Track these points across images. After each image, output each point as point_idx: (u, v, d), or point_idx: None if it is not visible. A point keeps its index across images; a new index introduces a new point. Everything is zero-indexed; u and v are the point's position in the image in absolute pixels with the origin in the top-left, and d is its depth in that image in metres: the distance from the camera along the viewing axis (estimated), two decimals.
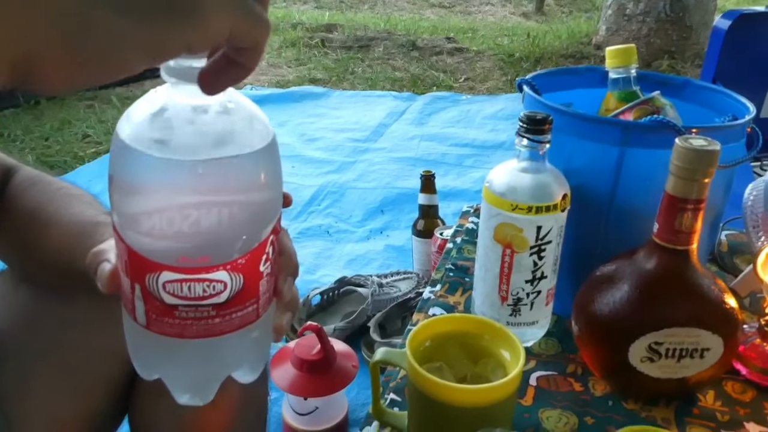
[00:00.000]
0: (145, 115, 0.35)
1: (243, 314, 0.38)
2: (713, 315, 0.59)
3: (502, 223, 0.66)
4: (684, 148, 0.55)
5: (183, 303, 0.36)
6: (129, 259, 0.37)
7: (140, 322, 0.38)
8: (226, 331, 0.38)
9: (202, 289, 0.36)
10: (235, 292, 0.37)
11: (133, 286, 0.37)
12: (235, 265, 0.36)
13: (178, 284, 0.36)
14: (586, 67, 0.89)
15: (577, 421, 0.62)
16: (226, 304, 0.37)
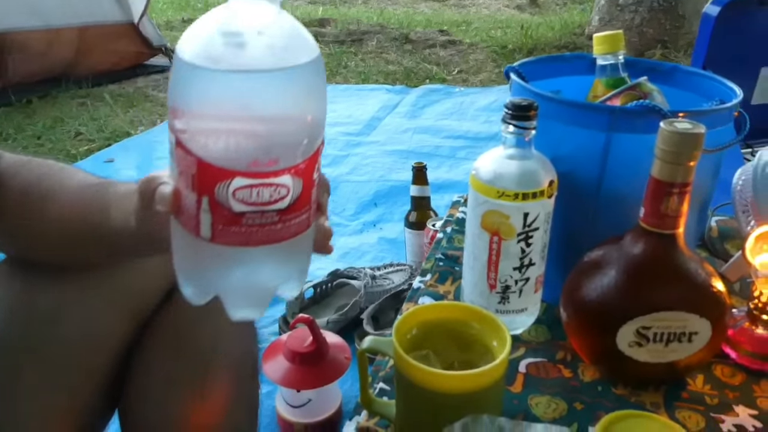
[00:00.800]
0: (212, 33, 0.37)
1: (299, 221, 0.41)
2: (700, 298, 0.59)
3: (489, 210, 0.66)
4: (669, 132, 0.55)
5: (251, 209, 0.39)
6: (198, 172, 0.39)
7: (204, 236, 0.40)
8: (285, 237, 0.41)
9: (269, 193, 0.39)
10: (295, 197, 0.40)
11: (199, 200, 0.39)
12: (297, 170, 0.39)
13: (248, 190, 0.38)
14: (574, 54, 0.89)
15: (566, 407, 0.62)
16: (287, 210, 0.40)
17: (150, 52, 3.21)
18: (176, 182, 0.41)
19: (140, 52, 3.15)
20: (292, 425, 1.01)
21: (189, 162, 0.39)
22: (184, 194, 0.41)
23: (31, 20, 2.71)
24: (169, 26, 4.30)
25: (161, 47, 3.23)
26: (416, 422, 0.55)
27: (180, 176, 0.40)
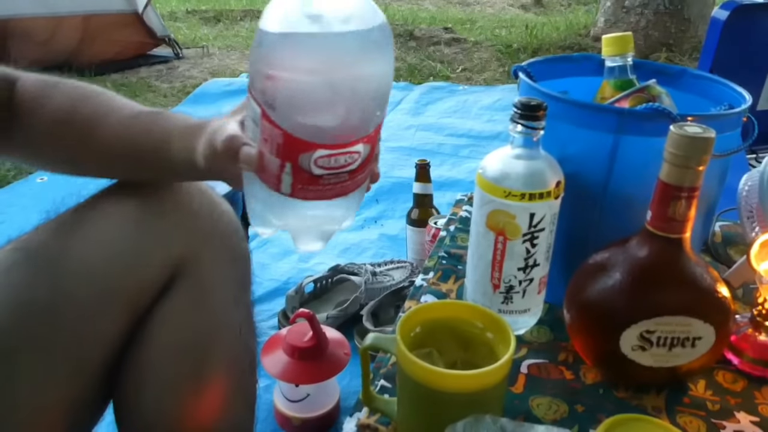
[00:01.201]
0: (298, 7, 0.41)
1: (363, 176, 0.48)
2: (705, 304, 0.59)
3: (495, 209, 0.65)
4: (679, 135, 0.55)
5: (328, 173, 0.44)
6: (284, 142, 0.43)
7: (284, 192, 0.46)
8: (352, 189, 0.48)
9: (344, 159, 0.44)
10: (363, 159, 0.46)
11: (283, 165, 0.44)
12: (368, 138, 0.45)
13: (327, 158, 0.43)
14: (583, 54, 0.88)
15: (567, 408, 0.62)
16: (356, 170, 0.46)
17: (153, 42, 3.20)
18: (259, 145, 0.45)
19: (144, 42, 3.14)
20: (289, 420, 1.01)
21: (275, 134, 0.43)
22: (267, 157, 0.45)
23: (36, 7, 2.71)
24: (173, 17, 4.29)
25: (165, 37, 3.22)
26: (418, 420, 0.55)
27: (264, 142, 0.45)
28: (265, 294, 1.40)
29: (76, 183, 0.66)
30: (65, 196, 0.66)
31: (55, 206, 0.64)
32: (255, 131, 0.45)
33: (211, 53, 3.47)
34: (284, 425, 1.03)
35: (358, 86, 0.42)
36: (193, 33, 3.92)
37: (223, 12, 4.44)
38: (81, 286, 0.59)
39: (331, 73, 0.40)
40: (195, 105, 2.64)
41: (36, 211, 0.66)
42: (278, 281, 1.45)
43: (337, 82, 0.41)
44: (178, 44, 3.30)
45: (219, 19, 4.33)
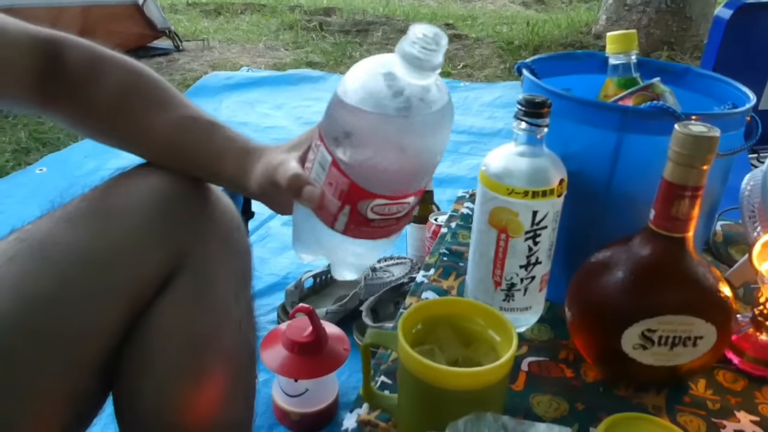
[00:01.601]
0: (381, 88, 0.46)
1: (406, 220, 0.54)
2: (707, 303, 0.59)
3: (497, 207, 0.65)
4: (683, 134, 0.54)
5: (380, 218, 0.50)
6: (349, 189, 0.49)
7: (338, 229, 0.52)
8: (395, 231, 0.54)
9: (397, 209, 0.51)
10: (411, 207, 0.52)
11: (342, 207, 0.50)
12: (418, 192, 0.52)
13: (383, 207, 0.49)
14: (586, 52, 0.88)
15: (567, 407, 0.62)
16: (404, 217, 0.52)
17: (154, 35, 3.20)
18: (322, 186, 0.51)
19: (144, 34, 3.13)
20: (288, 414, 1.01)
21: (341, 181, 0.48)
22: (328, 198, 0.51)
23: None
24: (174, 9, 4.28)
25: (165, 30, 3.21)
26: (419, 417, 0.55)
27: (329, 186, 0.50)
28: (265, 288, 1.40)
29: (75, 174, 0.67)
30: (65, 188, 0.66)
31: (54, 197, 0.65)
32: (320, 173, 0.50)
33: (212, 46, 3.46)
34: (283, 420, 1.03)
35: (423, 156, 0.49)
36: (194, 26, 3.91)
37: (224, 5, 4.43)
38: (83, 277, 0.59)
39: (404, 148, 0.47)
40: (195, 98, 2.63)
41: (35, 201, 0.66)
42: (278, 276, 1.45)
43: (408, 154, 0.47)
44: (178, 37, 3.29)
45: (220, 12, 4.32)
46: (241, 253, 0.68)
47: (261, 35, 3.80)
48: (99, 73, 0.64)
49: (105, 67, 0.65)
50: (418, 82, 0.46)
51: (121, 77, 0.65)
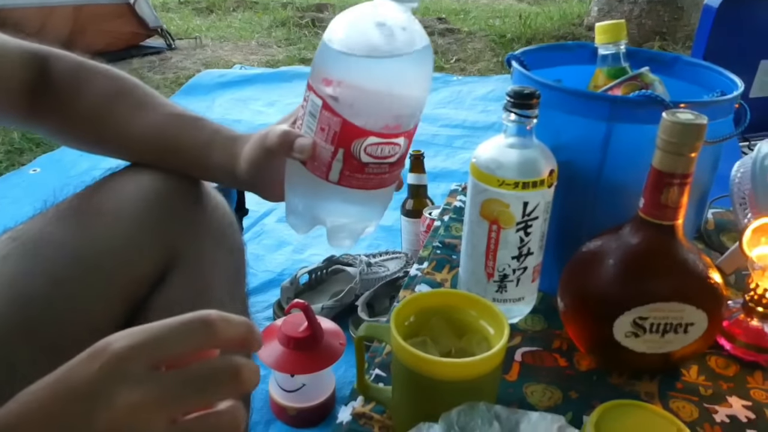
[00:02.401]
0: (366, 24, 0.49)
1: (397, 172, 0.54)
2: (698, 290, 0.59)
3: (488, 198, 0.65)
4: (671, 122, 0.55)
5: (373, 161, 0.51)
6: (341, 130, 0.50)
7: (332, 179, 0.53)
8: (388, 183, 0.54)
9: (389, 150, 0.51)
10: (402, 153, 0.52)
11: (335, 152, 0.51)
12: (409, 133, 0.52)
13: (376, 146, 0.50)
14: (576, 43, 0.88)
15: (561, 395, 0.62)
16: (394, 163, 0.52)
17: (145, 33, 3.19)
18: (314, 136, 0.52)
19: (136, 32, 3.12)
20: (285, 409, 1.01)
21: (334, 122, 0.49)
22: (321, 146, 0.52)
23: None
24: (166, 7, 4.27)
25: (157, 28, 3.20)
26: (412, 408, 0.55)
27: (321, 131, 0.51)
28: (260, 285, 1.40)
29: (69, 174, 0.67)
30: (58, 188, 0.66)
31: (48, 197, 0.65)
32: (311, 123, 0.52)
33: (204, 44, 3.46)
34: (280, 415, 1.03)
35: (410, 92, 0.50)
36: (186, 24, 3.90)
37: (216, 3, 4.41)
38: (76, 276, 0.59)
39: (390, 85, 0.49)
40: (188, 96, 2.62)
41: (28, 202, 0.66)
42: (273, 272, 1.45)
43: (394, 90, 0.49)
44: (170, 35, 3.28)
45: (212, 10, 4.31)
46: (234, 251, 0.68)
47: (253, 32, 3.79)
48: (83, 81, 0.65)
49: (88, 75, 0.66)
50: (398, 16, 0.49)
51: (104, 83, 0.66)
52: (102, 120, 0.65)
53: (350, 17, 0.50)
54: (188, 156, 0.63)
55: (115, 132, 0.65)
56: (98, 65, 0.67)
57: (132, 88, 0.67)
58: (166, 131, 0.64)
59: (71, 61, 0.66)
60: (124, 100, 0.65)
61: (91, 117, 0.65)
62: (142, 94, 0.67)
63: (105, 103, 0.65)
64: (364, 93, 0.49)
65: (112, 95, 0.65)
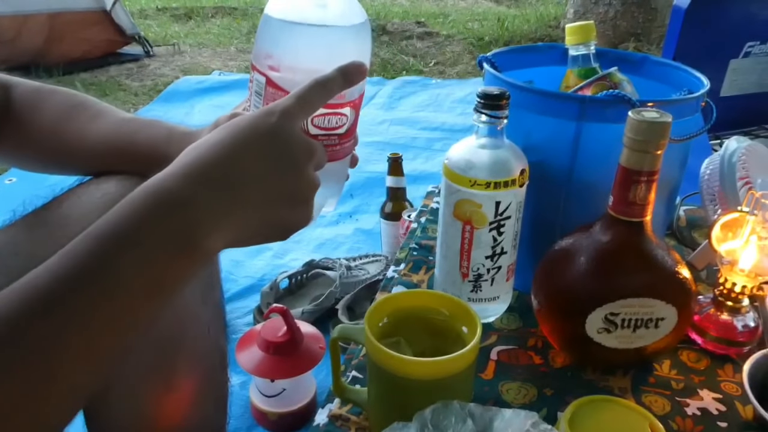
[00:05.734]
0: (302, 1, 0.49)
1: (349, 145, 0.54)
2: (667, 285, 0.60)
3: (461, 199, 0.66)
4: (636, 120, 0.56)
5: (322, 133, 0.50)
6: None
7: None
8: (341, 156, 0.53)
9: (336, 120, 0.51)
10: (350, 124, 0.52)
11: None
12: (354, 103, 0.52)
13: (322, 117, 0.50)
14: (548, 44, 0.89)
15: (536, 392, 0.63)
16: (344, 134, 0.52)
17: (123, 41, 3.16)
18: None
19: (113, 40, 3.10)
20: (266, 415, 1.01)
21: (278, 96, 0.49)
22: None
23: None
24: (143, 14, 4.24)
25: (135, 35, 3.18)
26: (387, 408, 0.55)
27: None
28: (241, 291, 1.40)
29: (44, 184, 0.67)
30: (33, 197, 0.66)
31: (18, 207, 0.64)
32: (257, 102, 0.52)
33: (183, 51, 3.44)
34: (261, 421, 1.03)
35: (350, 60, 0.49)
36: (164, 30, 3.88)
37: (194, 9, 4.39)
38: None
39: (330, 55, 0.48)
40: (166, 103, 2.61)
41: (4, 212, 0.65)
42: (253, 278, 1.44)
43: (334, 59, 0.48)
44: (148, 42, 3.26)
45: (190, 17, 4.29)
46: None
47: (232, 38, 3.77)
48: (40, 101, 0.66)
49: (46, 95, 0.67)
50: None
51: (61, 99, 0.66)
52: (60, 133, 0.65)
53: None
54: (147, 154, 0.63)
55: (73, 143, 0.65)
56: (57, 87, 0.68)
57: (90, 102, 0.67)
58: (121, 133, 0.64)
59: (30, 86, 0.67)
60: (81, 113, 0.66)
61: (50, 131, 0.65)
62: (98, 107, 0.67)
63: (62, 117, 0.65)
64: (305, 64, 0.49)
65: (69, 109, 0.66)
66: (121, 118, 0.66)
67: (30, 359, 0.35)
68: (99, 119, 0.65)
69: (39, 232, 0.60)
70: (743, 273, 0.66)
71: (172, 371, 0.63)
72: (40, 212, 0.63)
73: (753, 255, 0.66)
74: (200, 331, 0.65)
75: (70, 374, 0.36)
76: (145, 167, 0.64)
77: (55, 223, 0.61)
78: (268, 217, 0.44)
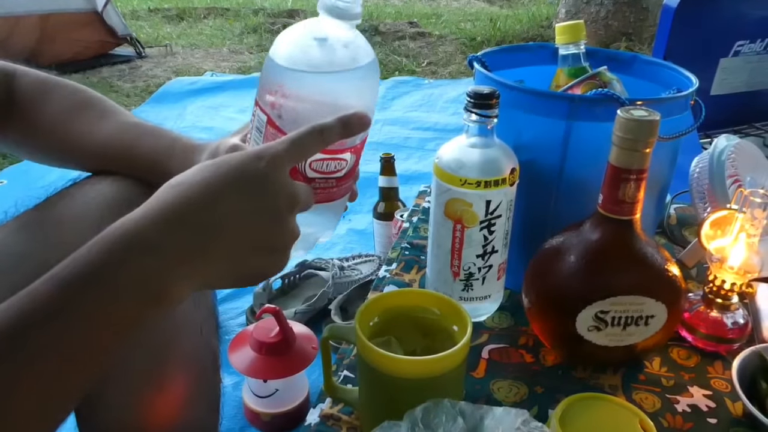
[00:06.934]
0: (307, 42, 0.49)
1: (347, 185, 0.53)
2: (656, 282, 0.61)
3: (452, 198, 0.66)
4: (625, 119, 0.56)
5: (319, 176, 0.50)
6: None
7: None
8: (337, 197, 0.53)
9: (334, 165, 0.50)
10: (349, 168, 0.52)
11: None
12: (355, 149, 0.51)
13: (321, 162, 0.49)
14: (538, 44, 0.90)
15: (527, 390, 0.63)
16: (342, 178, 0.51)
17: (115, 42, 3.15)
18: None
19: (104, 41, 3.09)
20: (258, 415, 1.01)
21: (278, 137, 0.48)
22: None
23: None
24: (135, 15, 4.23)
25: (126, 36, 3.17)
26: (378, 407, 0.55)
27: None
28: (234, 292, 1.39)
29: (36, 186, 0.66)
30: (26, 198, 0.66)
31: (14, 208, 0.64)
32: (258, 138, 0.51)
33: (175, 52, 3.43)
34: (254, 422, 1.02)
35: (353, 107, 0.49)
36: (156, 32, 3.87)
37: (186, 10, 4.38)
38: None
39: (333, 100, 0.48)
40: (158, 104, 2.60)
41: None
42: None
43: (338, 105, 0.48)
44: (140, 43, 3.25)
45: (182, 18, 4.28)
46: None
47: (225, 39, 3.77)
48: (46, 93, 0.65)
49: (53, 88, 0.66)
50: (340, 32, 0.49)
51: (64, 96, 0.66)
52: (65, 130, 0.65)
53: (293, 33, 0.50)
54: (148, 163, 0.63)
55: (76, 141, 0.65)
56: (63, 80, 0.68)
57: (96, 100, 0.67)
58: (125, 138, 0.64)
59: (36, 76, 0.67)
60: (87, 112, 0.65)
61: (54, 127, 0.65)
62: (104, 106, 0.67)
63: (68, 114, 0.65)
64: (305, 109, 0.49)
65: (75, 106, 0.66)
66: (125, 123, 0.65)
67: None
68: (103, 121, 0.65)
69: (33, 232, 0.60)
70: (732, 270, 0.67)
71: (164, 372, 0.63)
72: (33, 213, 0.62)
73: (742, 252, 0.66)
74: (192, 332, 0.65)
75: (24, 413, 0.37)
76: (144, 175, 0.64)
77: (49, 224, 0.61)
78: (240, 265, 0.43)
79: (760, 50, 1.37)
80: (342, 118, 0.46)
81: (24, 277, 0.57)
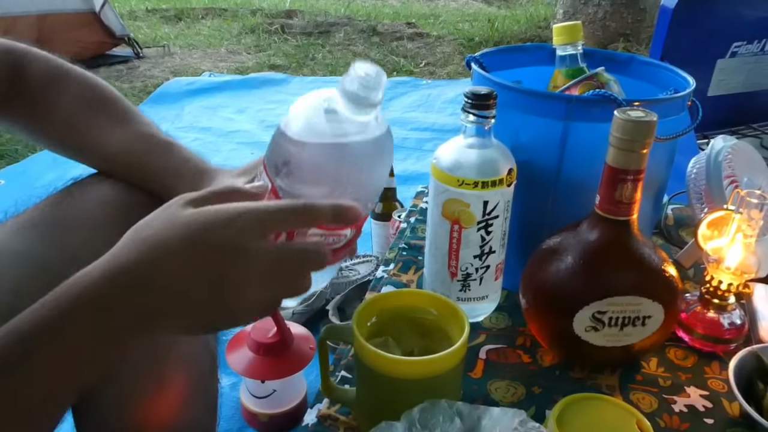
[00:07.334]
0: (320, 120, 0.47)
1: (344, 253, 0.52)
2: (653, 283, 0.61)
3: (449, 199, 0.66)
4: (622, 120, 0.56)
5: None
6: None
7: None
8: (334, 262, 0.52)
9: (333, 240, 0.49)
10: (348, 240, 0.51)
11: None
12: (356, 225, 0.49)
13: (318, 237, 0.48)
14: (536, 44, 0.90)
15: (524, 391, 0.63)
16: (340, 248, 0.51)
17: (113, 42, 3.15)
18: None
19: (102, 41, 3.09)
20: (256, 416, 1.01)
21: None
22: None
23: None
24: (133, 16, 4.23)
25: (124, 37, 3.17)
26: (376, 408, 0.55)
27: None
28: None
29: (34, 186, 0.66)
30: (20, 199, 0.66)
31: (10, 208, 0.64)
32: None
33: (173, 52, 3.43)
34: (251, 422, 1.02)
35: (359, 186, 0.48)
36: (154, 32, 3.87)
37: (184, 10, 4.38)
38: (38, 286, 0.58)
39: (338, 177, 0.47)
40: (156, 105, 2.60)
41: None
42: None
43: (342, 183, 0.47)
44: (138, 44, 3.25)
45: (180, 18, 4.28)
46: None
47: (223, 40, 3.77)
48: (60, 84, 0.64)
49: (65, 79, 0.65)
50: (357, 118, 0.47)
51: (80, 90, 0.65)
52: (75, 127, 0.64)
53: (304, 106, 0.48)
54: (156, 178, 0.63)
55: (87, 140, 0.65)
56: (76, 69, 0.66)
57: (113, 100, 0.66)
58: (138, 150, 0.64)
59: (49, 62, 0.65)
60: (100, 111, 0.65)
61: (65, 122, 0.64)
62: (119, 107, 0.66)
63: (80, 111, 0.64)
64: (309, 188, 0.47)
65: (89, 104, 0.65)
66: (141, 133, 0.65)
67: None
68: (118, 127, 0.64)
69: (34, 232, 0.60)
70: (729, 271, 0.67)
71: (162, 373, 0.63)
72: (33, 212, 0.62)
73: (739, 253, 0.66)
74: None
75: None
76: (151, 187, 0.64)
77: (51, 224, 0.60)
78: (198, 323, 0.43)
79: (757, 51, 1.37)
80: (336, 207, 0.44)
81: (25, 277, 0.57)
